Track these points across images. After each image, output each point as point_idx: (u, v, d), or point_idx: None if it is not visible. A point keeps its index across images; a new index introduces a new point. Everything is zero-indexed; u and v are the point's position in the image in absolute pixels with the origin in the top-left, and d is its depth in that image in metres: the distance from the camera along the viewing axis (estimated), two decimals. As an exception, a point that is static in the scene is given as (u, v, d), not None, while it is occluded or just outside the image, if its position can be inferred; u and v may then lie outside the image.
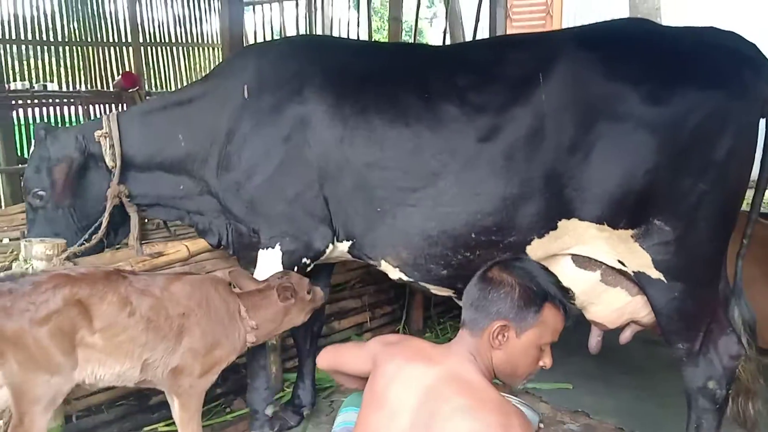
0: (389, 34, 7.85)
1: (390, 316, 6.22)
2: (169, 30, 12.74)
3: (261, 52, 4.63)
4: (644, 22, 4.08)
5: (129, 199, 4.41)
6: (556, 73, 3.52)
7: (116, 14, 12.23)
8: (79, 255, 4.12)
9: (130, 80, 11.06)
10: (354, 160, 3.88)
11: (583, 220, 3.57)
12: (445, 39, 9.23)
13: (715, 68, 3.44)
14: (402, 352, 2.64)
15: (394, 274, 4.09)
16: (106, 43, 12.21)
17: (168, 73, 12.72)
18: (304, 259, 4.15)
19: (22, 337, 3.19)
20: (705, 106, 3.35)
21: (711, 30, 3.63)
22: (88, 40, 11.98)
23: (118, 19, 12.20)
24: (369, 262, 4.17)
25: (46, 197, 4.35)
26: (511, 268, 2.56)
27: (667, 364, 4.05)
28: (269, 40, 5.32)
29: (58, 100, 10.88)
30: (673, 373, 3.83)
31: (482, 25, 8.09)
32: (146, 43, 12.11)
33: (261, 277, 4.06)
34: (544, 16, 12.46)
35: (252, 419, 4.41)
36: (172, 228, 5.18)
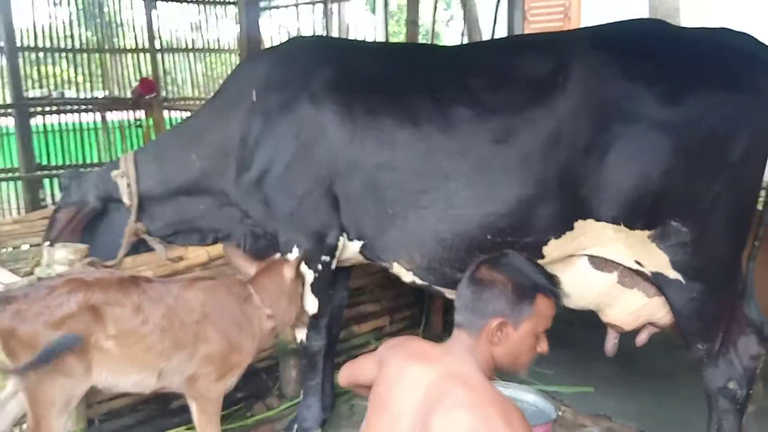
0: (406, 37, 7.85)
1: (409, 320, 6.17)
2: (185, 36, 12.79)
3: (268, 55, 4.66)
4: (657, 22, 4.07)
5: (149, 235, 4.50)
6: (571, 74, 3.51)
7: (133, 21, 12.29)
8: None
9: (148, 87, 11.08)
10: (364, 160, 3.88)
11: (600, 221, 3.57)
12: (463, 41, 9.21)
13: (730, 70, 3.44)
14: (402, 354, 2.67)
15: (407, 277, 4.08)
16: (123, 50, 12.27)
17: (185, 79, 12.76)
18: (323, 257, 4.14)
19: (36, 340, 3.22)
20: (720, 108, 3.36)
21: (724, 31, 3.64)
22: (105, 47, 12.04)
23: (135, 25, 12.26)
24: (381, 264, 4.16)
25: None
26: (499, 266, 2.59)
27: (688, 367, 4.03)
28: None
29: (75, 107, 10.95)
30: (695, 377, 3.81)
31: (499, 27, 8.09)
32: (163, 49, 12.14)
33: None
34: (562, 18, 12.38)
35: None
36: None
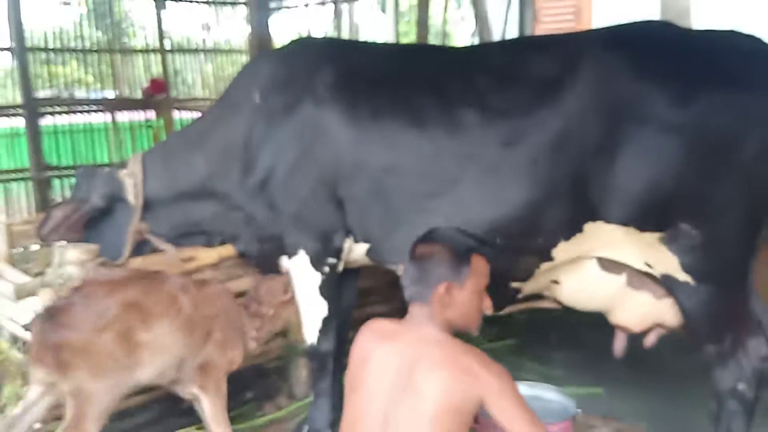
0: (416, 37, 7.85)
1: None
2: (195, 36, 12.79)
3: (272, 55, 4.66)
4: (666, 24, 4.07)
5: (154, 235, 4.51)
6: (582, 75, 3.51)
7: (143, 21, 12.32)
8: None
9: (158, 87, 11.08)
10: (370, 163, 3.87)
11: (610, 223, 3.55)
12: (473, 42, 9.19)
13: (741, 72, 3.44)
14: (368, 335, 2.92)
15: None
16: (133, 50, 12.28)
17: (195, 80, 12.76)
18: (329, 259, 4.14)
19: (91, 346, 3.30)
20: (731, 110, 3.35)
21: (733, 34, 3.64)
22: (116, 47, 12.05)
23: (145, 26, 12.28)
24: (388, 266, 4.14)
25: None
26: (433, 240, 2.86)
27: (697, 369, 4.01)
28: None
29: (86, 108, 10.96)
30: (704, 378, 3.80)
31: (510, 28, 8.07)
32: (173, 49, 12.15)
33: (296, 284, 4.19)
34: (572, 19, 12.30)
35: None
36: None
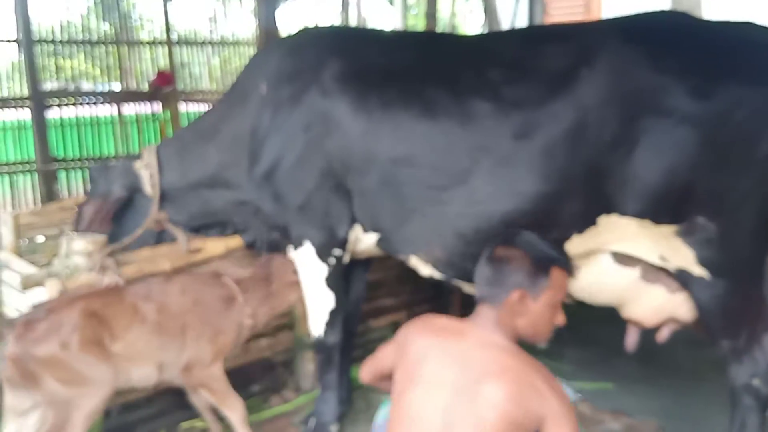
0: (425, 29, 7.83)
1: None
2: (202, 29, 12.81)
3: (280, 46, 4.63)
4: (682, 15, 4.02)
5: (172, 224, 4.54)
6: (598, 66, 3.46)
7: (149, 13, 12.33)
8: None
9: (165, 79, 11.12)
10: (380, 155, 3.82)
11: (625, 216, 3.52)
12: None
13: (759, 64, 3.39)
14: (427, 331, 2.82)
15: (425, 270, 4.04)
16: (139, 43, 12.28)
17: (202, 72, 12.76)
18: (335, 250, 4.12)
19: (56, 357, 3.35)
20: (749, 102, 3.30)
21: (749, 25, 3.59)
22: (122, 39, 12.05)
23: (152, 18, 12.28)
24: (397, 257, 4.13)
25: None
26: (515, 243, 2.82)
27: (709, 364, 4.00)
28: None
29: (92, 100, 11.00)
30: (716, 373, 3.79)
31: (519, 20, 8.06)
32: (180, 42, 12.14)
33: (303, 275, 4.20)
34: (582, 11, 12.28)
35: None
36: None
